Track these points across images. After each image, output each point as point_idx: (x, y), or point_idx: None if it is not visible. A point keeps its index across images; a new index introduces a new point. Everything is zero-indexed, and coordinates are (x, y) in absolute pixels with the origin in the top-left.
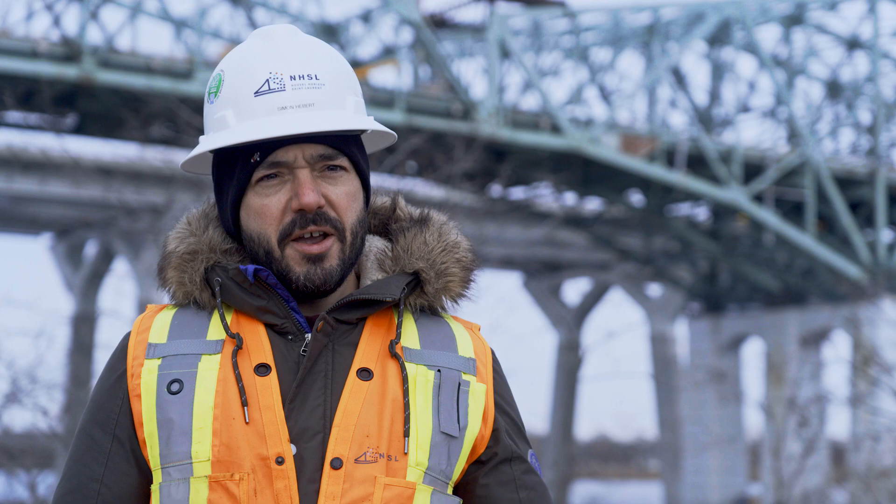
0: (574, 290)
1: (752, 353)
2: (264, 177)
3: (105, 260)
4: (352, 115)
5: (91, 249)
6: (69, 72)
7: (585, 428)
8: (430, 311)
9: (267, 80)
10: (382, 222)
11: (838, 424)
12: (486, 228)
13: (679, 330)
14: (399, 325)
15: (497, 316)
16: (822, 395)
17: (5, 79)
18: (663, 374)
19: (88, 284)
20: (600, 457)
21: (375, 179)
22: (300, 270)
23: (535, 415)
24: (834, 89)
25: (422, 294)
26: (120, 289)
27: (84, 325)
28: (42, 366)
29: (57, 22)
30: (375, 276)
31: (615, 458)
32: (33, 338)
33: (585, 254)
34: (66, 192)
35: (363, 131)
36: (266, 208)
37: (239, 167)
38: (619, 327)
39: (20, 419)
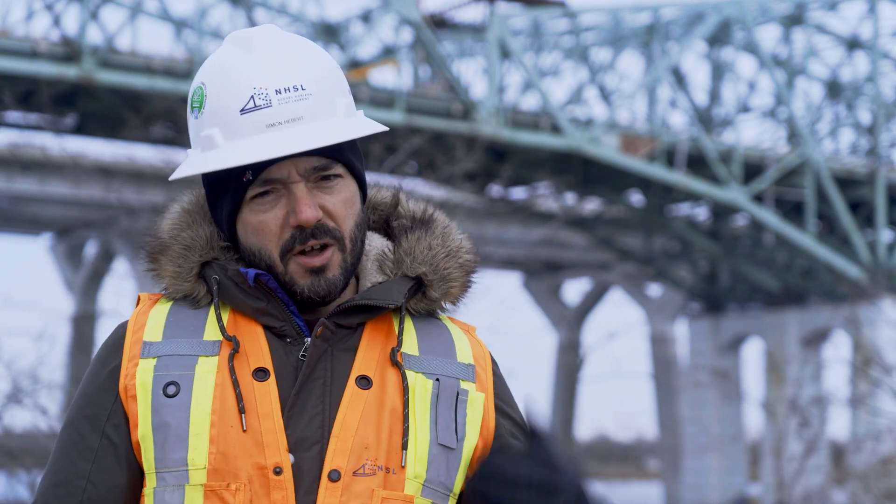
0: (574, 290)
1: (753, 353)
2: (258, 194)
3: (105, 260)
4: (342, 121)
5: (91, 249)
6: (69, 72)
7: (586, 428)
8: (426, 314)
9: (252, 97)
10: (383, 218)
11: (839, 425)
12: (486, 228)
13: (679, 330)
14: (401, 333)
15: (498, 316)
16: (823, 396)
17: (5, 79)
18: (663, 374)
19: (89, 284)
20: (600, 457)
21: (374, 179)
22: (304, 283)
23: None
24: (834, 89)
25: (423, 298)
26: (120, 289)
27: (84, 324)
28: (43, 366)
29: (57, 22)
30: (375, 279)
31: (615, 458)
32: (34, 338)
33: (585, 254)
34: (66, 192)
35: None
36: (264, 225)
37: (231, 185)
38: (620, 327)
39: (21, 419)
